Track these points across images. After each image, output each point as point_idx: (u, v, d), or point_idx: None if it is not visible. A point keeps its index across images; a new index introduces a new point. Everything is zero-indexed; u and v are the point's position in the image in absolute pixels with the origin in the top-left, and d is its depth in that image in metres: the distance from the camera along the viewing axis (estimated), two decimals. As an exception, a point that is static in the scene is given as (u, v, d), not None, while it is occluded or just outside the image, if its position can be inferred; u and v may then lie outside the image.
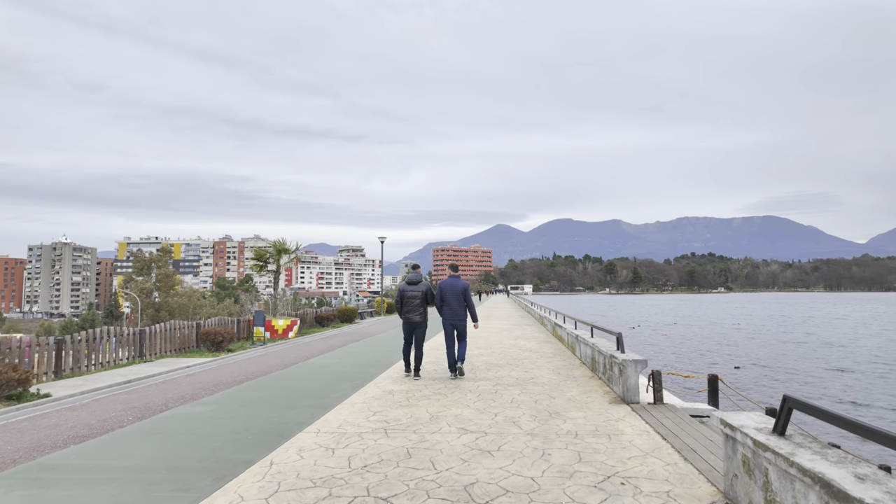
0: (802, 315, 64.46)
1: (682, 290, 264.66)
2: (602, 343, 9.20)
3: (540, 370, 9.85)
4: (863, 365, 22.32)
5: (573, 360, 11.22)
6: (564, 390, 7.91)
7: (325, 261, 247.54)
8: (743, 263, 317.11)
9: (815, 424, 6.45)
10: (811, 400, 3.03)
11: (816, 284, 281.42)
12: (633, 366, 6.91)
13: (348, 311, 24.81)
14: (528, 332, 18.41)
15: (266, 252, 19.06)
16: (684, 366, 23.11)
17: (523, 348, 13.36)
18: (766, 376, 19.79)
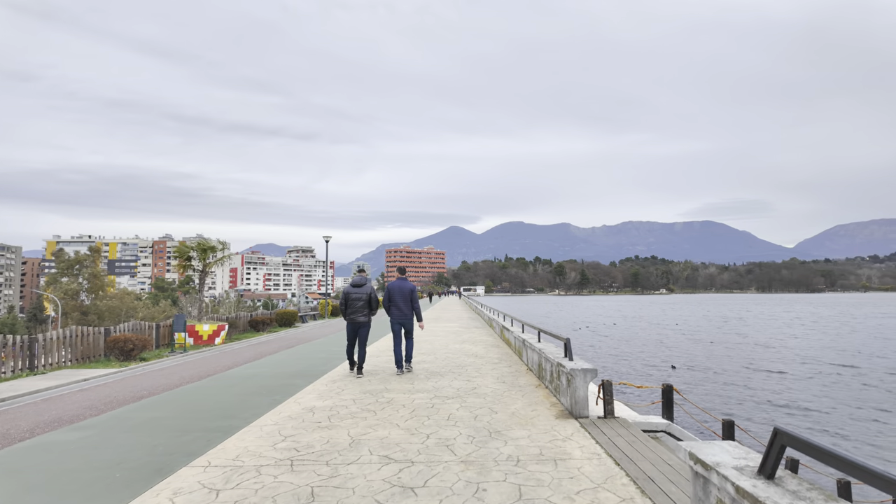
0: (736, 316, 67.41)
1: (627, 292, 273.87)
2: (549, 349, 8.52)
3: (484, 379, 9.07)
4: (790, 365, 22.99)
5: (520, 366, 10.52)
6: (508, 403, 7.14)
7: (272, 261, 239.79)
8: (683, 266, 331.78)
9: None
10: (807, 435, 2.31)
11: (750, 286, 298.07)
12: (582, 376, 6.21)
13: (287, 315, 23.30)
14: (476, 335, 17.69)
15: (189, 250, 17.39)
16: (622, 367, 23.13)
17: (469, 353, 12.58)
18: (707, 379, 19.93)
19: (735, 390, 16.86)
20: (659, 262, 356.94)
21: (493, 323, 19.37)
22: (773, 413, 13.43)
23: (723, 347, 30.49)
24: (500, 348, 13.58)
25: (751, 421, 12.21)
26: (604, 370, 22.12)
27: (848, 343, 32.96)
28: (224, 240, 19.76)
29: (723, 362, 24.17)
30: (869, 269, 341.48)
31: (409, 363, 9.83)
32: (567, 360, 6.88)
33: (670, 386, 6.07)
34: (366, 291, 9.28)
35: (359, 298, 9.23)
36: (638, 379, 19.89)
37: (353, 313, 9.24)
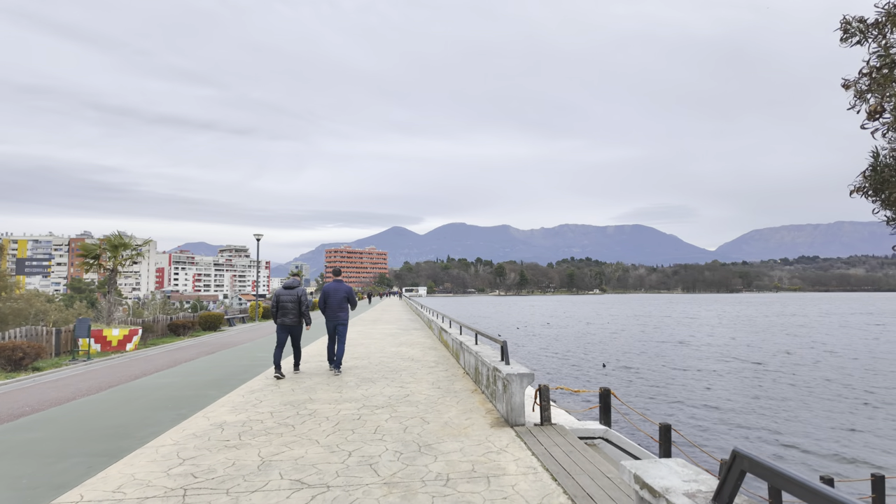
0: (662, 314, 70.89)
1: (563, 292, 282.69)
2: (486, 352, 8.16)
3: (418, 384, 8.58)
4: (708, 362, 24.11)
5: (457, 369, 10.12)
6: (442, 411, 6.69)
7: (203, 261, 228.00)
8: (615, 267, 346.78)
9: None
10: (771, 461, 1.98)
11: (676, 287, 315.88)
12: (518, 381, 5.86)
13: (212, 318, 21.75)
14: (414, 337, 17.18)
15: (96, 247, 15.67)
16: (554, 366, 23.41)
17: (405, 357, 12.06)
18: (638, 378, 20.45)
19: (664, 390, 17.34)
20: (593, 263, 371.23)
21: (431, 324, 18.95)
22: (703, 413, 13.82)
23: (650, 346, 31.68)
24: (438, 351, 13.15)
25: (683, 423, 12.46)
26: (537, 369, 22.26)
27: (761, 340, 35.20)
28: (150, 238, 18.03)
29: (651, 361, 25.02)
30: (780, 271, 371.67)
31: (339, 367, 9.81)
32: (503, 365, 6.52)
33: (608, 390, 5.85)
34: (296, 294, 9.37)
35: (290, 301, 9.32)
36: (570, 378, 20.13)
37: (283, 315, 9.32)
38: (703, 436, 10.49)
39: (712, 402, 15.44)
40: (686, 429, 11.45)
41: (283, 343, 9.40)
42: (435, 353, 12.55)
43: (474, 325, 9.95)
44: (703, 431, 11.04)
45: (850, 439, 11.33)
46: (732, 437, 11.23)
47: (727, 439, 10.89)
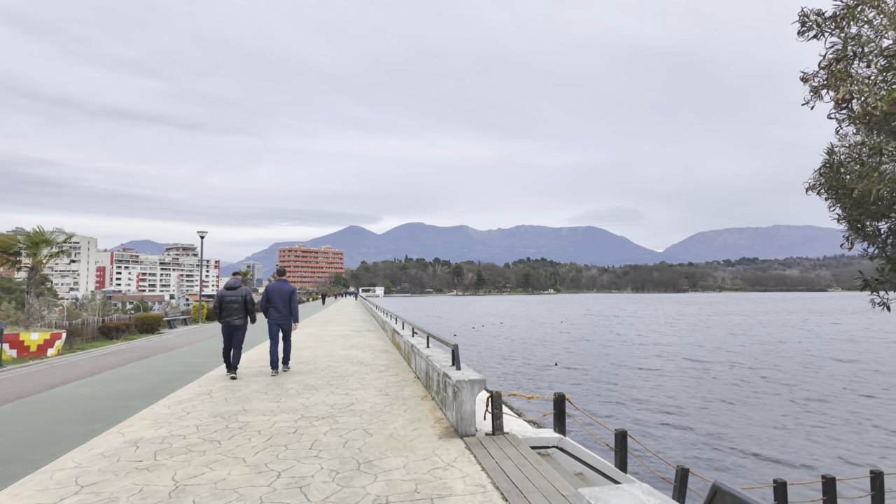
0: (611, 314, 72.73)
1: (519, 292, 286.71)
2: (437, 356, 7.74)
3: (366, 391, 8.06)
4: (657, 362, 24.64)
5: (408, 374, 9.66)
6: (388, 421, 6.21)
7: (148, 260, 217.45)
8: (569, 268, 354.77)
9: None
10: (751, 497, 1.63)
11: (626, 286, 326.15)
12: (469, 388, 5.46)
13: (149, 320, 20.35)
14: (366, 339, 16.59)
15: (14, 243, 14.17)
16: (508, 365, 23.34)
17: (354, 360, 11.48)
18: (588, 378, 20.57)
19: (615, 390, 17.45)
20: (548, 264, 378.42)
21: (385, 326, 18.39)
22: (654, 416, 13.90)
23: (600, 345, 32.20)
24: (390, 354, 12.64)
25: (637, 425, 12.45)
26: (490, 370, 22.07)
27: (706, 339, 36.46)
28: (91, 235, 16.58)
29: (600, 360, 25.35)
30: (723, 272, 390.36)
31: (287, 364, 9.86)
32: (454, 370, 6.12)
33: (562, 395, 5.55)
34: (241, 294, 9.25)
35: (234, 301, 9.22)
36: (523, 377, 20.04)
37: (227, 316, 9.22)
38: (658, 440, 10.48)
39: (662, 402, 15.61)
40: (642, 430, 11.43)
41: (230, 345, 9.32)
42: (386, 357, 12.03)
43: (427, 328, 9.53)
44: (657, 436, 11.03)
45: (801, 439, 11.60)
46: (685, 441, 11.27)
47: (680, 442, 10.91)
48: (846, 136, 5.70)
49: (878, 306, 4.91)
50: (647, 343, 33.11)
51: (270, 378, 9.29)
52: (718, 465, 8.84)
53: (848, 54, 4.37)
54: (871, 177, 4.57)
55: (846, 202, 4.91)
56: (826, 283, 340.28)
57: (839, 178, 5.10)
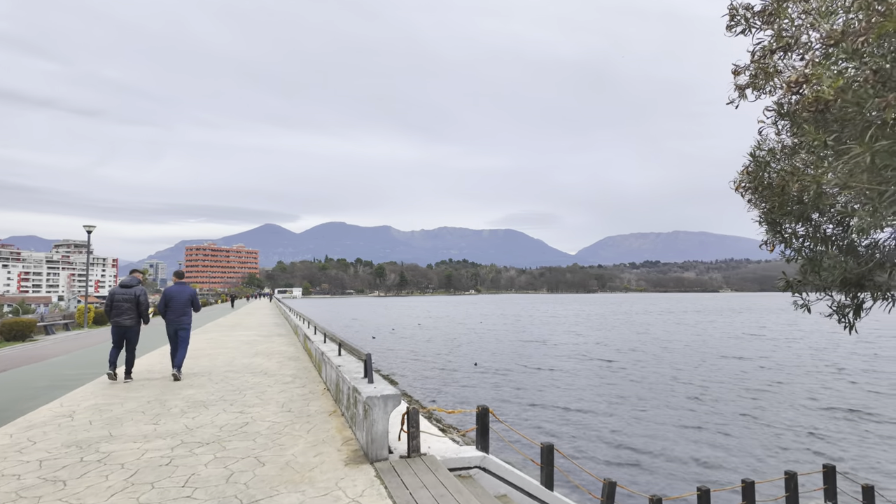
0: (527, 314, 74.86)
1: (441, 292, 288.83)
2: (349, 366, 6.96)
3: (265, 407, 7.09)
4: (570, 362, 25.31)
5: (317, 384, 8.75)
6: (286, 445, 5.35)
7: (33, 258, 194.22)
8: (489, 269, 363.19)
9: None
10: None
11: (542, 287, 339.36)
12: (381, 405, 4.77)
13: (19, 325, 17.52)
14: (274, 345, 15.31)
15: None
16: (427, 368, 22.90)
17: (258, 370, 10.35)
18: (507, 380, 20.57)
19: (535, 393, 17.46)
20: (469, 265, 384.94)
21: (298, 331, 17.14)
22: (576, 421, 13.92)
23: (517, 345, 32.68)
24: (300, 362, 11.59)
25: (557, 431, 12.33)
26: (405, 377, 21.46)
27: (621, 339, 38.24)
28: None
29: (518, 360, 25.62)
30: (629, 274, 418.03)
31: (179, 371, 9.27)
32: (365, 383, 5.39)
33: (486, 409, 5.02)
34: (134, 293, 8.97)
35: (126, 300, 8.92)
36: (441, 381, 19.61)
37: (118, 315, 8.88)
38: (581, 449, 10.34)
39: (580, 406, 15.77)
40: (564, 436, 11.29)
41: (119, 345, 9.01)
42: (294, 365, 10.99)
43: (339, 334, 8.69)
44: (580, 444, 10.93)
45: (718, 441, 12.00)
46: (609, 448, 11.27)
47: (604, 451, 10.85)
48: (766, 138, 5.67)
49: (801, 308, 4.83)
50: (561, 343, 34.04)
51: (154, 392, 8.03)
52: (642, 473, 8.82)
53: (784, 45, 4.21)
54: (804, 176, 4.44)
55: (774, 201, 4.80)
56: (718, 284, 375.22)
57: (762, 178, 5.00)
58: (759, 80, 4.76)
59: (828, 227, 4.94)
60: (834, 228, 5.22)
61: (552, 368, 22.42)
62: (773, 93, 5.00)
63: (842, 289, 4.61)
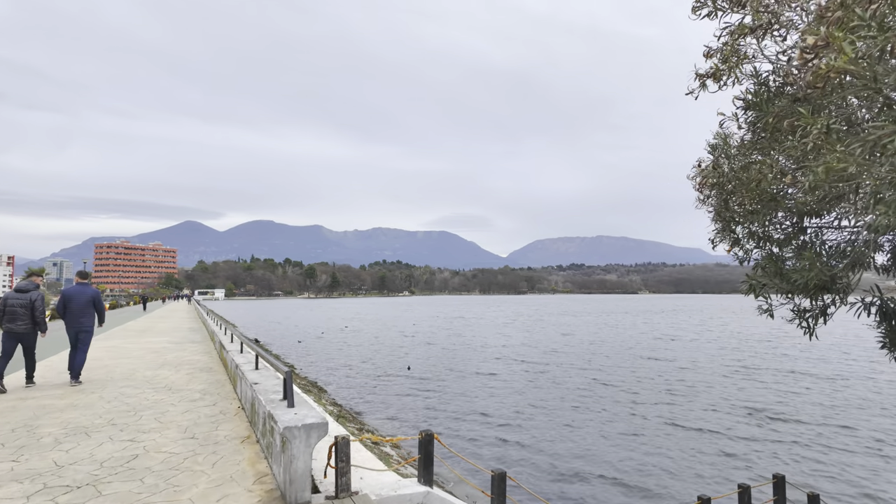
0: (459, 315, 75.00)
1: (375, 294, 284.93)
2: (266, 383, 5.99)
3: (163, 433, 5.95)
4: (498, 365, 25.24)
5: (231, 402, 7.64)
6: (184, 485, 4.34)
7: None
8: (423, 271, 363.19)
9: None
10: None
11: (474, 289, 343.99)
12: (303, 437, 3.91)
13: None
14: (187, 354, 13.75)
15: None
16: (357, 375, 21.91)
17: (162, 385, 9.01)
18: (441, 386, 20.03)
19: (471, 401, 16.97)
20: (403, 266, 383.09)
21: (215, 337, 15.58)
22: (518, 436, 13.49)
23: (452, 349, 32.31)
24: (213, 374, 10.29)
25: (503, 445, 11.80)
26: (331, 383, 20.33)
27: (545, 341, 38.87)
28: None
29: (454, 365, 25.20)
30: (556, 276, 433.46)
31: (78, 379, 8.92)
32: (283, 408, 4.49)
33: (430, 435, 4.28)
34: (30, 298, 8.54)
35: (21, 305, 8.48)
36: (370, 390, 18.69)
37: (11, 322, 8.42)
38: (529, 468, 9.86)
39: (517, 415, 15.44)
40: (510, 457, 10.76)
41: (9, 354, 8.40)
42: (206, 379, 9.70)
43: (261, 341, 7.63)
44: (526, 463, 10.44)
45: (667, 453, 11.94)
46: (561, 465, 10.88)
47: (557, 468, 10.42)
48: (728, 135, 5.37)
49: (764, 313, 4.50)
50: (492, 346, 34.01)
51: (24, 415, 6.60)
52: (593, 497, 8.44)
53: (763, 24, 3.83)
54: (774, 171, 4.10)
55: (743, 197, 4.44)
56: (637, 286, 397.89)
57: (731, 172, 4.66)
58: (730, 62, 4.39)
59: (793, 226, 4.69)
60: (797, 227, 4.99)
61: (491, 373, 22.03)
62: (739, 82, 4.68)
63: (815, 292, 4.33)
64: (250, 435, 5.80)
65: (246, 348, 9.16)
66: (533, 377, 20.82)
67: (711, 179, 4.91)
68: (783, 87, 4.24)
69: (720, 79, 4.71)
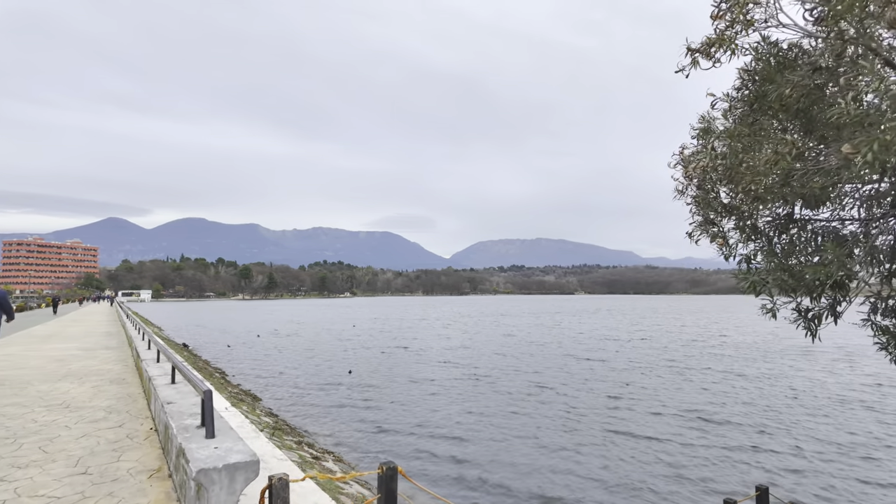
0: (399, 317, 73.84)
1: (315, 295, 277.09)
2: (183, 402, 4.91)
3: (48, 467, 4.73)
4: (439, 369, 24.68)
5: (142, 421, 6.41)
6: (59, 547, 3.26)
7: None
8: (365, 271, 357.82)
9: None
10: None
11: (418, 289, 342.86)
12: (225, 482, 2.97)
13: None
14: (97, 362, 12.06)
15: None
16: (295, 383, 20.58)
17: (59, 401, 7.57)
18: (380, 392, 19.15)
19: (417, 411, 16.17)
20: (345, 267, 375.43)
21: (133, 342, 13.84)
22: (469, 453, 12.80)
23: (391, 352, 31.38)
24: (125, 386, 8.88)
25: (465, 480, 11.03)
26: (266, 393, 18.93)
27: (488, 343, 38.69)
28: None
29: (393, 366, 24.32)
30: (498, 277, 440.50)
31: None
32: (200, 440, 3.49)
33: (392, 470, 3.42)
34: None
35: None
36: (308, 401, 17.46)
37: None
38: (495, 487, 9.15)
39: (462, 428, 14.82)
40: (467, 473, 10.00)
41: None
42: (115, 393, 8.31)
43: (176, 357, 6.46)
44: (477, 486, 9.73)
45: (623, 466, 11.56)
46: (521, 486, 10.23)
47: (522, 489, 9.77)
48: (715, 117, 4.89)
49: (768, 313, 4.00)
50: (431, 347, 33.36)
51: None
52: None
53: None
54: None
55: (744, 183, 3.92)
56: (574, 287, 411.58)
57: (716, 156, 4.14)
58: (739, 22, 3.86)
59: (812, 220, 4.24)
60: (789, 219, 4.55)
61: (429, 379, 21.21)
62: (736, 54, 4.18)
63: (828, 290, 3.87)
64: (161, 467, 4.70)
65: (163, 356, 7.88)
66: (474, 383, 20.21)
67: (703, 162, 4.38)
68: (797, 57, 3.75)
69: (713, 55, 4.20)
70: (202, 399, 3.76)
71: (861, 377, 20.37)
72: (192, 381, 4.36)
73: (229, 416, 8.06)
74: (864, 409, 14.93)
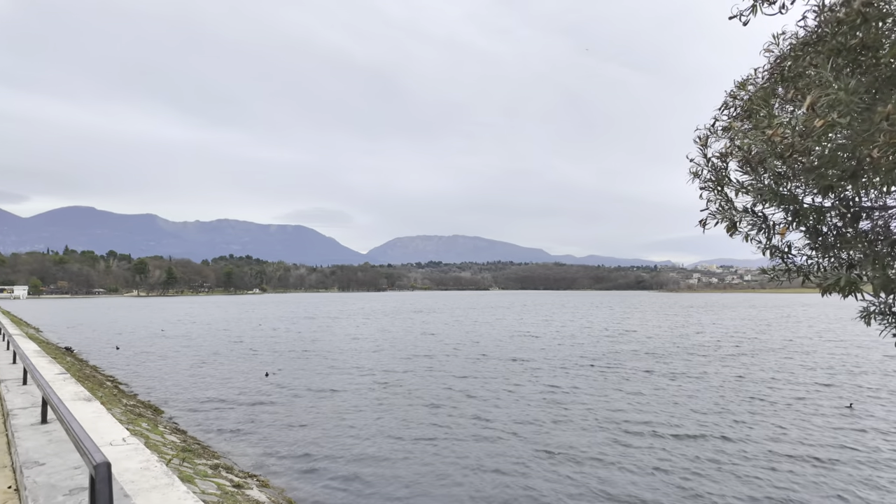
0: (309, 315, 71.06)
1: (220, 292, 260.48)
2: (55, 464, 3.75)
3: None
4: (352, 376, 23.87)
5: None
6: None
7: None
8: (276, 266, 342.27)
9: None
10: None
11: (333, 286, 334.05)
12: None
13: None
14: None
15: None
16: (194, 391, 18.81)
17: None
18: (298, 397, 18.01)
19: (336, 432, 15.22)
20: (254, 262, 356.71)
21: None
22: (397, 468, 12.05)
23: (302, 353, 29.92)
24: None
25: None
26: (173, 402, 17.05)
27: (396, 342, 38.16)
28: None
29: (306, 368, 23.09)
30: (415, 273, 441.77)
31: None
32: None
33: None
34: None
35: None
36: (215, 414, 15.87)
37: None
38: None
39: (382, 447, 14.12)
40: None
41: None
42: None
43: (44, 381, 5.11)
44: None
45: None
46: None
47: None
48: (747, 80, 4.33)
49: (866, 318, 3.55)
50: (345, 349, 32.24)
51: None
52: None
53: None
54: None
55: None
56: (488, 283, 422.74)
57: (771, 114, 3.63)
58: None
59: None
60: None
61: (343, 389, 19.97)
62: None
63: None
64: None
65: (31, 378, 6.34)
66: (385, 387, 19.46)
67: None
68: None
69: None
70: (92, 476, 2.68)
71: None
72: (78, 440, 3.20)
73: (130, 452, 6.68)
74: None
